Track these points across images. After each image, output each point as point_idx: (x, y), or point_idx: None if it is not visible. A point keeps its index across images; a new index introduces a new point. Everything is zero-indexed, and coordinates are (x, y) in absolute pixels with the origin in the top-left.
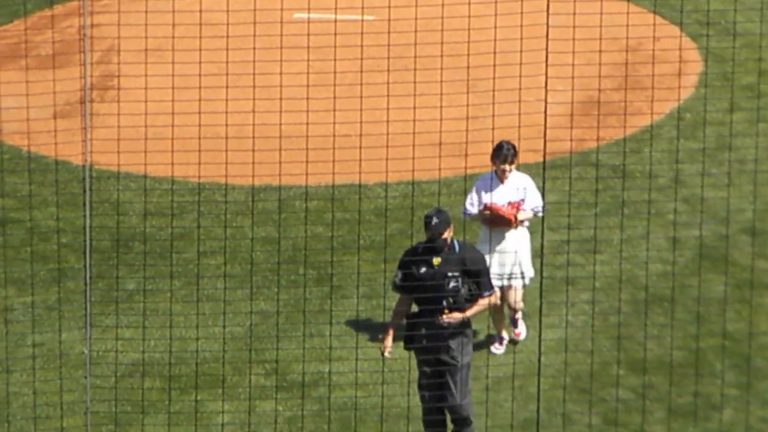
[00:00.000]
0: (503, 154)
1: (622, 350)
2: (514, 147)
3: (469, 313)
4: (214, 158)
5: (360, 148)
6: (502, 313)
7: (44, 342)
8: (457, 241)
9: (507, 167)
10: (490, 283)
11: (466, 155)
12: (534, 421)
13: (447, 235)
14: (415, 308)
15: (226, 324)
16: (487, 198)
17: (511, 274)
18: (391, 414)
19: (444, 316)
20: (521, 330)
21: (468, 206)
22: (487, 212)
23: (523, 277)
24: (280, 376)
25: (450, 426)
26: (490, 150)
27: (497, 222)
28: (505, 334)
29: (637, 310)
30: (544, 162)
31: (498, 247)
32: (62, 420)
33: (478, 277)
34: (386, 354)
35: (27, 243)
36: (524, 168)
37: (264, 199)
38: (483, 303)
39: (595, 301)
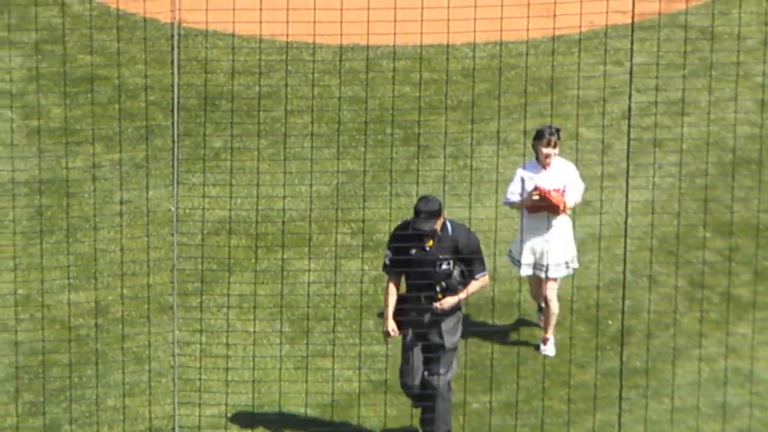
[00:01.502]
0: (546, 138)
1: (708, 212)
2: (557, 130)
3: (462, 295)
4: (302, 17)
5: (448, 8)
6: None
7: (131, 200)
8: (450, 221)
9: (551, 151)
10: (483, 265)
11: (555, 16)
12: (620, 283)
13: (439, 224)
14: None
15: (313, 183)
16: (530, 185)
17: (557, 264)
18: None
19: (437, 304)
20: (549, 350)
21: (509, 195)
22: (536, 195)
23: (567, 267)
24: (366, 235)
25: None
26: (578, 11)
27: (545, 208)
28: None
29: (724, 172)
30: (633, 24)
31: (543, 237)
32: (149, 277)
33: (471, 260)
34: (392, 333)
35: (115, 100)
36: (613, 30)
37: (351, 59)
38: (476, 285)
39: (682, 163)
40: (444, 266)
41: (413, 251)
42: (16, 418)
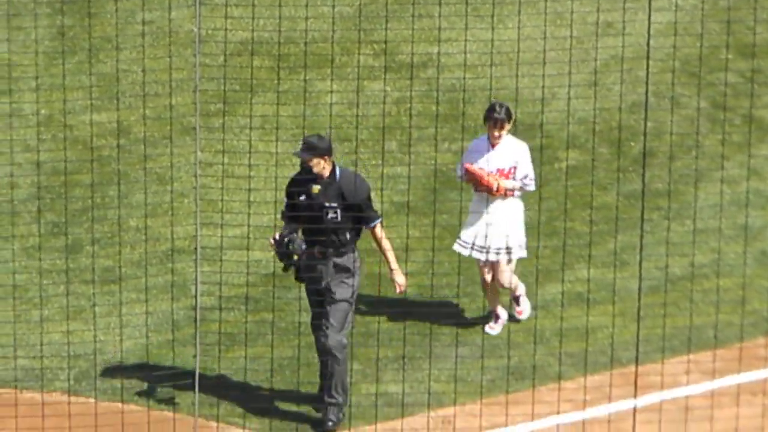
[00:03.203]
0: (493, 118)
1: (731, 34)
2: (507, 109)
3: (392, 260)
4: None
5: None
6: (495, 290)
7: (154, 20)
8: (341, 168)
9: (497, 132)
10: (375, 213)
11: None
12: (642, 104)
13: (321, 165)
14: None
15: (335, 4)
16: (481, 162)
17: (498, 249)
18: (499, 96)
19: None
20: (524, 308)
21: (458, 169)
22: (468, 177)
23: (509, 253)
24: (388, 56)
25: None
26: None
27: (477, 187)
28: (501, 311)
29: None
30: None
31: (485, 218)
32: (171, 98)
33: (360, 209)
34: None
35: None
36: None
37: None
38: (386, 244)
39: None
40: (330, 215)
41: (302, 198)
42: (38, 238)
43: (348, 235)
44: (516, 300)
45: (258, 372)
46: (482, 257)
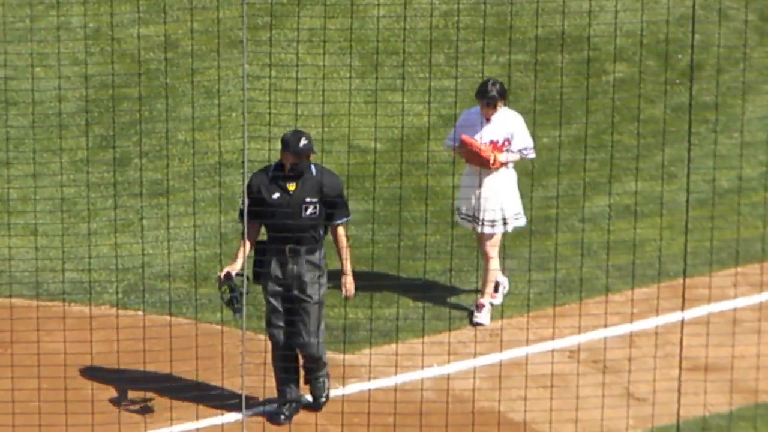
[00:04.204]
0: (487, 97)
1: None
2: (501, 86)
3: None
4: None
5: None
6: (484, 270)
7: None
8: (314, 164)
9: (489, 111)
10: (347, 211)
11: None
12: (690, 17)
13: (307, 160)
14: (263, 237)
15: None
16: (469, 133)
17: (492, 220)
18: (546, 8)
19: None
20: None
21: (448, 140)
22: (463, 149)
23: (505, 224)
24: None
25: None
26: None
27: (473, 160)
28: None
29: None
30: None
31: (478, 191)
32: (218, 11)
33: (334, 204)
34: (222, 277)
35: None
36: None
37: None
38: (344, 239)
39: None
40: (310, 211)
41: (276, 195)
42: (86, 152)
43: (321, 232)
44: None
45: None
46: (479, 229)
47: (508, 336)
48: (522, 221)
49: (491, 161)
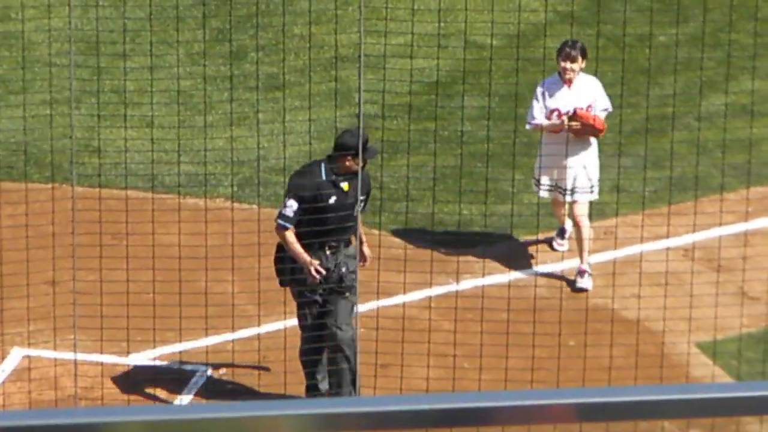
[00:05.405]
0: (565, 51)
1: None
2: (579, 44)
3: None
4: None
5: None
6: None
7: None
8: None
9: (569, 65)
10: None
11: None
12: None
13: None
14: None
15: None
16: (552, 104)
17: (584, 188)
18: None
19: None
20: (586, 283)
21: (536, 114)
22: (574, 123)
23: (592, 191)
24: None
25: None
26: None
27: (581, 132)
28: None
29: None
30: None
31: (563, 159)
32: None
33: (367, 196)
34: (317, 268)
35: None
36: None
37: None
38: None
39: None
40: (360, 207)
41: (332, 199)
42: (203, 45)
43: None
44: (581, 273)
45: (420, 180)
46: (562, 198)
47: (623, 233)
48: (597, 189)
49: (603, 128)
